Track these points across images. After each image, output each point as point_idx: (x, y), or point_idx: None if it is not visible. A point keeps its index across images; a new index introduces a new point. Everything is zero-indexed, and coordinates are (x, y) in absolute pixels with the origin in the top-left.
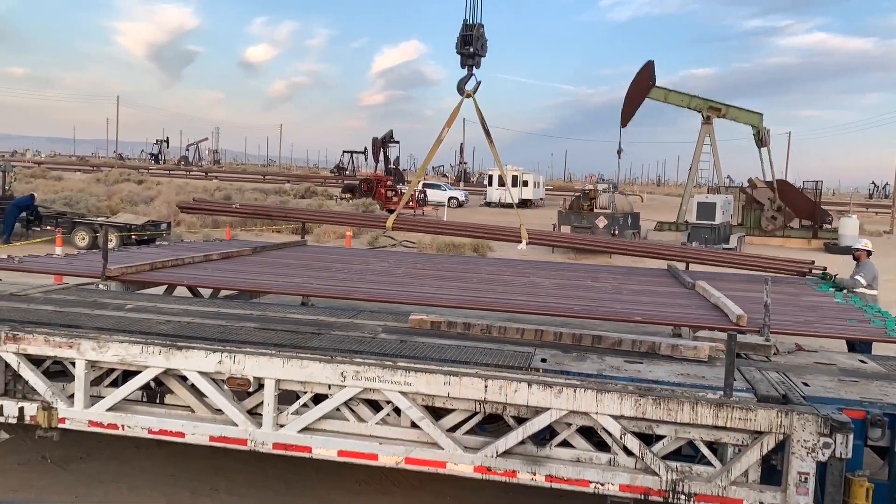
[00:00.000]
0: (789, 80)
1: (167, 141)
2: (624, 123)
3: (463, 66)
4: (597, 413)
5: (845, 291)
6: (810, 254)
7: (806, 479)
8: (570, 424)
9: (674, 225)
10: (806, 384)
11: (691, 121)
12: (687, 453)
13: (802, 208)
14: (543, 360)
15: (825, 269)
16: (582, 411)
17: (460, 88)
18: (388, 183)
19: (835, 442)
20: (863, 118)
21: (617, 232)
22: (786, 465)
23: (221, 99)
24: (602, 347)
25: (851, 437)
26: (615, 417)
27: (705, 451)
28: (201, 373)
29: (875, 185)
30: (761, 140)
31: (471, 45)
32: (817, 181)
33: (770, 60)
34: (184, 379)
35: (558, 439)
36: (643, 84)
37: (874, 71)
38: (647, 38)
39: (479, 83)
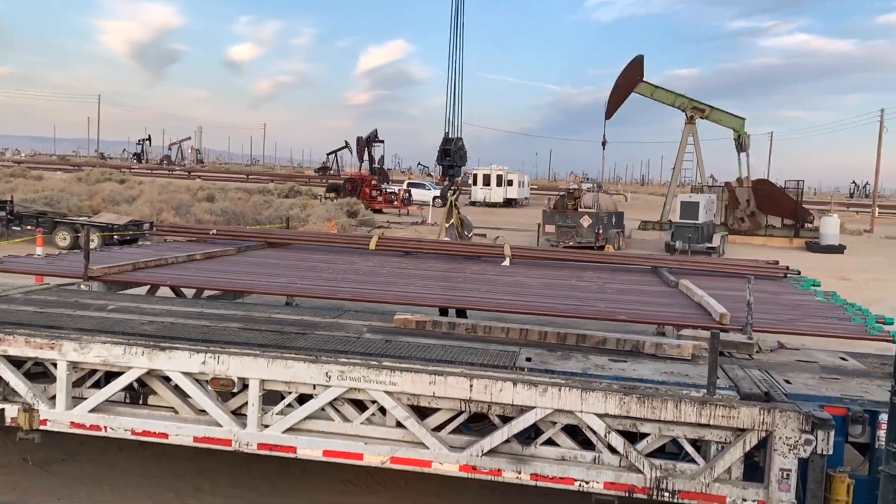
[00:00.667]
0: (773, 81)
1: (149, 140)
2: (609, 115)
3: (444, 175)
4: (581, 412)
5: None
6: (792, 252)
7: (788, 475)
8: (555, 423)
9: (657, 224)
10: (788, 382)
11: (675, 121)
12: (671, 450)
13: (784, 207)
14: (528, 360)
15: (799, 272)
16: (567, 410)
17: (444, 196)
18: (373, 182)
19: (816, 438)
20: (844, 118)
21: (601, 231)
22: (768, 462)
23: (205, 98)
24: (587, 346)
25: (833, 433)
26: (600, 416)
27: (689, 448)
28: (185, 373)
29: (856, 185)
30: (741, 145)
31: (451, 157)
32: (799, 181)
33: (754, 61)
34: (167, 380)
35: (543, 438)
36: (632, 77)
37: (856, 72)
38: (632, 39)
39: (459, 192)
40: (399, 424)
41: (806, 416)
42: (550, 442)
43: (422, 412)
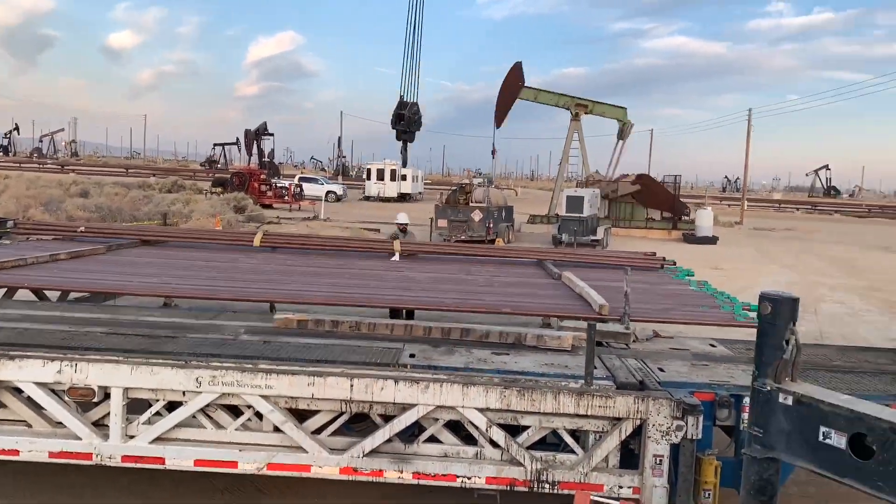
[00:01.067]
0: (654, 81)
1: (17, 129)
2: (498, 124)
3: (398, 139)
4: (463, 407)
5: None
6: (670, 244)
7: (661, 461)
8: (438, 419)
9: (545, 218)
10: (661, 370)
11: (563, 117)
12: (551, 441)
13: (663, 201)
14: (412, 356)
15: (674, 262)
16: (448, 406)
17: (404, 161)
18: (262, 177)
19: (686, 424)
20: (718, 117)
21: (492, 225)
22: (643, 449)
23: (81, 87)
24: (470, 340)
25: (701, 418)
26: (481, 410)
27: (568, 439)
28: (38, 384)
29: (728, 180)
30: (622, 133)
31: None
32: (676, 176)
33: (637, 61)
34: (19, 391)
35: (425, 435)
36: (513, 85)
37: (729, 74)
38: (523, 37)
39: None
40: (277, 429)
41: (677, 403)
42: (434, 439)
43: (301, 415)
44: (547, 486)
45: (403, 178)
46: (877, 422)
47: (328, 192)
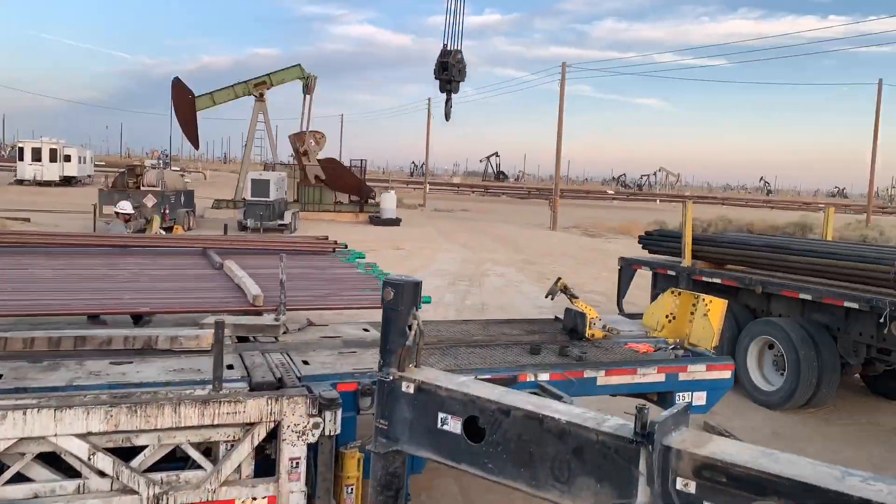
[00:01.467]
0: (345, 66)
1: None
2: (196, 145)
3: (442, 90)
4: (57, 435)
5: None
6: (358, 226)
7: (297, 464)
8: (25, 454)
9: (232, 202)
10: (306, 362)
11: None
12: (183, 456)
13: (350, 185)
14: None
15: (346, 245)
16: (36, 436)
17: (447, 114)
18: None
19: (324, 420)
20: (403, 104)
21: (168, 211)
22: (278, 454)
23: None
24: (87, 349)
25: (340, 412)
26: (82, 436)
27: (194, 454)
28: None
29: (415, 165)
30: (307, 87)
31: (448, 71)
32: (362, 160)
33: (328, 46)
34: None
35: (9, 474)
36: (185, 101)
37: (413, 64)
38: (210, 11)
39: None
40: None
41: (313, 400)
42: (23, 477)
43: None
44: None
45: (67, 158)
46: (487, 403)
47: None
